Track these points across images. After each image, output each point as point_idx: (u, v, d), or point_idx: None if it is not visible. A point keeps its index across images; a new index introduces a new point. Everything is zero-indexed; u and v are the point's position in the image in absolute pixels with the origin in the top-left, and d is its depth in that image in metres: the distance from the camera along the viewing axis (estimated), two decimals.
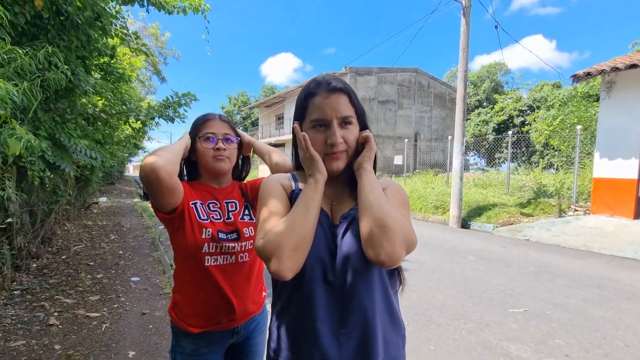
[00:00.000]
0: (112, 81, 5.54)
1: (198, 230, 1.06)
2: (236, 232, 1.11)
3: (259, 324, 1.24)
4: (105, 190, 14.11)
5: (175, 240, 1.11)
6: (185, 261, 1.09)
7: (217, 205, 1.15)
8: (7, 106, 2.16)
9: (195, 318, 1.09)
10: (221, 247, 1.08)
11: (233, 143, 1.17)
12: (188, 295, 1.10)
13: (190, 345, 1.10)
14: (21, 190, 4.09)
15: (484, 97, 26.37)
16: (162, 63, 20.62)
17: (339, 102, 0.80)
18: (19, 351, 2.26)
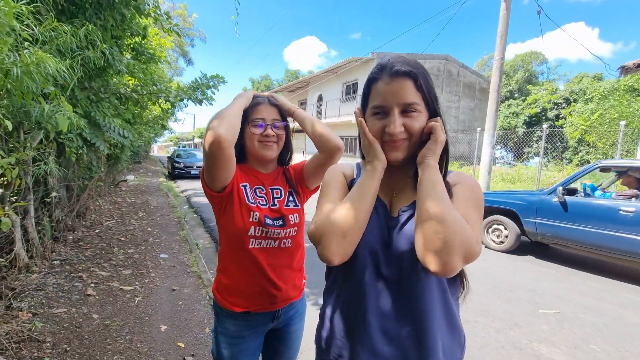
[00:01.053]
0: (143, 61, 5.62)
1: (246, 212, 1.06)
2: (282, 218, 1.11)
3: (298, 311, 1.24)
4: (133, 168, 14.61)
5: (222, 220, 1.11)
6: (231, 242, 1.10)
7: (263, 191, 1.14)
8: (50, 83, 2.21)
9: (238, 298, 1.10)
10: (267, 232, 1.08)
11: (282, 129, 1.14)
12: (232, 275, 1.11)
13: (232, 327, 1.12)
14: (60, 166, 4.27)
15: (516, 87, 25.17)
16: (189, 44, 20.79)
17: (402, 87, 0.74)
18: (61, 318, 2.39)
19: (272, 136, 1.11)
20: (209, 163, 0.99)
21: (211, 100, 5.46)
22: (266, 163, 1.17)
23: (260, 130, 1.10)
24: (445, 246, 0.61)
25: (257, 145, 1.10)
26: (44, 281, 2.85)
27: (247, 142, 1.12)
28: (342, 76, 17.55)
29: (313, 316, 1.16)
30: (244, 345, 1.13)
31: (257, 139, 1.10)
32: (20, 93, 1.54)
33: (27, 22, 1.71)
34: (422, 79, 0.76)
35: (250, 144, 1.11)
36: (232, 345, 1.12)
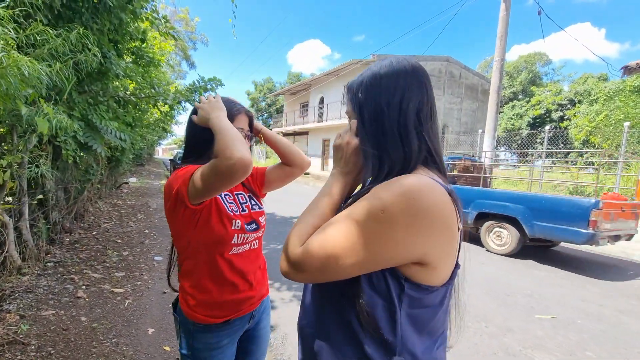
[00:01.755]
0: (142, 65, 5.65)
1: (228, 222, 1.03)
2: (254, 222, 1.13)
3: (267, 307, 1.27)
4: (135, 171, 14.72)
5: (195, 233, 1.02)
6: (208, 253, 1.04)
7: (231, 197, 1.12)
8: (42, 86, 2.22)
9: (219, 309, 1.06)
10: (246, 237, 1.09)
11: (250, 139, 1.18)
12: (209, 288, 1.06)
13: (212, 339, 1.07)
14: (57, 168, 4.30)
15: (519, 89, 24.98)
16: (191, 48, 20.96)
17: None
18: (48, 320, 2.39)
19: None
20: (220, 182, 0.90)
21: None
22: None
23: None
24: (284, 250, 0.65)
25: None
26: (35, 283, 2.86)
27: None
28: (343, 78, 17.56)
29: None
30: (223, 354, 1.09)
31: None
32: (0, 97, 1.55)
33: (10, 26, 1.72)
34: (357, 89, 0.71)
35: None
36: (212, 357, 1.08)
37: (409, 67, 0.66)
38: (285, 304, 3.04)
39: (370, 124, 0.67)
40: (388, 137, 0.65)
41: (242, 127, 1.10)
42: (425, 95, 0.66)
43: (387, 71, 0.67)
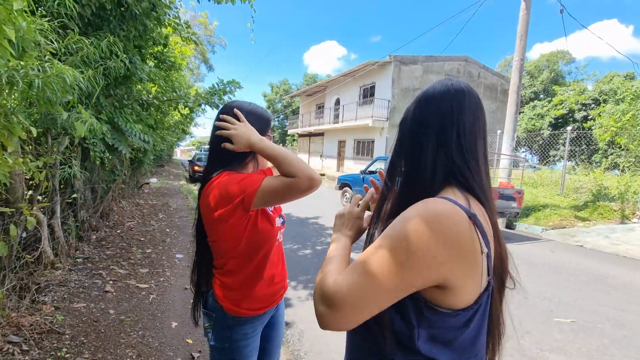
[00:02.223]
0: (164, 69, 5.86)
1: (273, 220, 1.15)
2: (281, 216, 1.23)
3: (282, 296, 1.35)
4: (156, 171, 15.16)
5: (246, 234, 1.08)
6: (257, 252, 1.12)
7: None
8: (75, 92, 2.38)
9: (260, 302, 1.15)
10: (282, 232, 1.23)
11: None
12: (255, 283, 1.13)
13: (250, 330, 1.16)
14: (85, 169, 4.53)
15: (541, 88, 24.29)
16: (210, 51, 21.44)
17: None
18: (80, 312, 2.54)
19: None
20: (292, 197, 1.04)
21: None
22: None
23: None
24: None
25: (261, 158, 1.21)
26: (67, 277, 3.03)
27: (258, 157, 1.18)
28: (359, 79, 17.55)
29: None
30: (255, 342, 1.19)
31: None
32: (43, 102, 1.68)
33: (51, 37, 1.86)
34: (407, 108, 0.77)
35: (261, 157, 1.19)
36: (248, 346, 1.16)
37: (451, 89, 0.68)
38: (301, 302, 3.11)
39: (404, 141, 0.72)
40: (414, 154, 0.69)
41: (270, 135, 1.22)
42: (462, 115, 0.67)
43: (430, 92, 0.70)
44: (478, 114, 0.69)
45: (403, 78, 15.49)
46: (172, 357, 2.13)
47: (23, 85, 1.55)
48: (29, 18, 1.46)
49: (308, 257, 4.43)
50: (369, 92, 17.16)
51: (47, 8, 2.63)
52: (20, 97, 1.80)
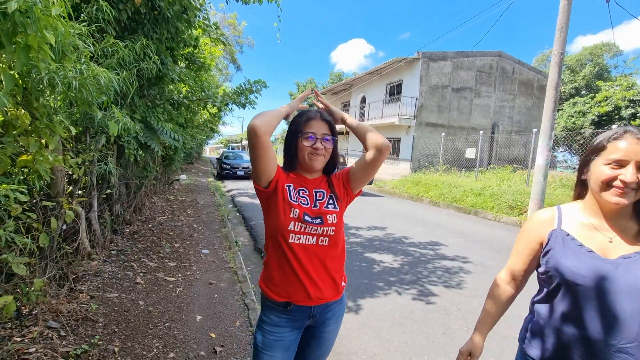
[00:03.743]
0: (194, 70, 6.05)
1: (288, 209, 1.18)
2: (320, 217, 1.21)
3: (335, 314, 1.30)
4: (186, 169, 15.74)
5: (268, 217, 1.24)
6: (274, 236, 1.21)
7: (307, 193, 1.25)
8: (111, 92, 2.50)
9: (280, 288, 1.21)
10: (305, 227, 1.19)
11: (329, 142, 1.26)
12: (273, 267, 1.23)
13: (275, 317, 1.23)
14: (120, 166, 4.77)
15: (582, 84, 22.76)
16: (238, 52, 21.93)
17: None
18: (113, 302, 2.67)
19: (321, 149, 1.23)
20: (250, 152, 1.15)
21: (254, 104, 5.73)
22: (313, 172, 1.29)
23: (310, 142, 1.22)
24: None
25: (307, 157, 1.23)
26: (101, 268, 3.21)
27: (298, 152, 1.24)
28: (385, 77, 17.26)
29: (344, 318, 1.22)
30: (281, 335, 1.23)
31: (308, 151, 1.22)
32: (80, 103, 1.78)
33: (88, 41, 1.96)
34: None
35: (301, 154, 1.24)
36: (271, 333, 1.22)
37: None
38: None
39: None
40: None
41: (314, 131, 1.22)
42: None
43: None
44: None
45: (431, 75, 15.04)
46: (195, 350, 2.19)
47: (62, 87, 1.64)
48: (68, 23, 1.55)
49: None
50: (396, 90, 16.83)
51: (87, 13, 2.79)
52: (60, 98, 1.92)
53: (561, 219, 1.01)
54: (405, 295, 3.35)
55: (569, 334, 0.93)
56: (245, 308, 2.81)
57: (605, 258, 0.90)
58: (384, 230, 6.12)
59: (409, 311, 3.00)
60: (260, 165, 1.15)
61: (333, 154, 1.30)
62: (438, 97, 15.33)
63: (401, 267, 4.16)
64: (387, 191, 12.71)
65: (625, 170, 0.86)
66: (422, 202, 10.40)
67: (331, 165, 1.33)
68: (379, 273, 3.92)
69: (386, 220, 7.09)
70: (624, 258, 0.88)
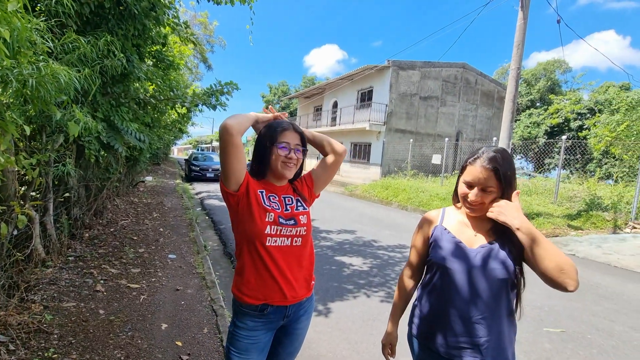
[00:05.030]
0: (162, 68, 5.84)
1: (263, 213, 1.21)
2: (293, 219, 1.27)
3: (307, 311, 1.37)
4: (152, 170, 15.09)
5: (239, 222, 1.24)
6: (250, 241, 1.22)
7: (276, 199, 1.29)
8: (70, 91, 2.37)
9: (257, 292, 1.23)
10: (281, 230, 1.23)
11: (300, 152, 1.32)
12: (250, 272, 1.23)
13: (250, 322, 1.24)
14: (79, 167, 4.50)
15: (537, 97, 24.50)
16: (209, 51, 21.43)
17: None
18: (69, 311, 2.52)
19: (294, 159, 1.28)
20: (221, 153, 1.16)
21: (225, 106, 5.63)
22: (283, 180, 1.34)
23: (285, 152, 1.26)
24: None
25: (280, 165, 1.26)
26: (57, 276, 3.01)
27: (272, 161, 1.27)
28: (357, 83, 17.61)
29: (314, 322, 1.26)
30: (257, 338, 1.25)
31: (281, 160, 1.26)
32: (37, 102, 1.67)
33: (47, 37, 1.86)
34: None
35: (274, 163, 1.27)
36: (247, 338, 1.24)
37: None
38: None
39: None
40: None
41: (288, 141, 1.26)
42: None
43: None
44: None
45: (401, 83, 15.56)
46: (160, 359, 2.12)
47: (17, 85, 1.54)
48: (25, 17, 1.46)
49: None
50: (367, 96, 17.21)
51: (46, 6, 2.63)
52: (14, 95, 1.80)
53: (444, 217, 1.22)
54: (374, 297, 3.43)
55: (440, 310, 1.12)
56: (214, 314, 2.75)
57: (470, 248, 1.11)
58: (354, 233, 6.23)
59: (377, 313, 3.08)
60: (231, 166, 1.16)
61: (301, 164, 1.36)
62: (407, 105, 15.87)
63: (370, 269, 4.25)
64: (358, 195, 12.92)
65: (472, 192, 1.08)
66: (391, 206, 10.68)
67: (297, 174, 1.39)
68: (348, 276, 3.98)
69: (356, 223, 7.21)
70: (482, 247, 1.09)
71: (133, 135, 4.37)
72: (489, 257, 1.07)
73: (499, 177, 1.04)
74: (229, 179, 1.19)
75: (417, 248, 1.26)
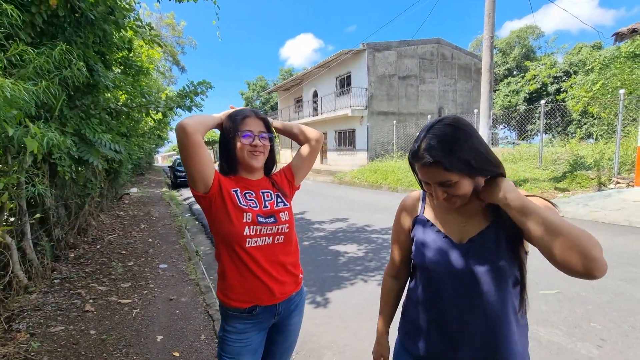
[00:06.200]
0: (131, 74, 5.63)
1: (240, 214, 1.14)
2: (273, 216, 1.20)
3: (298, 305, 1.33)
4: (136, 181, 14.76)
5: (216, 224, 1.17)
6: (228, 243, 1.16)
7: (253, 195, 1.23)
8: (29, 106, 2.23)
9: (243, 295, 1.18)
10: (260, 229, 1.17)
11: (266, 139, 1.23)
12: (233, 275, 1.17)
13: (240, 325, 1.20)
14: (55, 186, 4.32)
15: (513, 65, 24.74)
16: (180, 53, 20.86)
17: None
18: (58, 336, 2.42)
19: (260, 146, 1.20)
20: (181, 154, 1.08)
21: (200, 106, 5.47)
22: (254, 171, 1.26)
23: (248, 140, 1.18)
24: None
25: (247, 155, 1.19)
26: (42, 301, 2.90)
27: (237, 152, 1.20)
28: (335, 70, 17.44)
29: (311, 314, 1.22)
30: (249, 341, 1.20)
31: (247, 149, 1.19)
32: None
33: None
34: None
35: (240, 154, 1.19)
36: (238, 341, 1.19)
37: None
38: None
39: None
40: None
41: (250, 129, 1.18)
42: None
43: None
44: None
45: (378, 65, 15.47)
46: None
47: None
48: None
49: None
50: (346, 82, 17.09)
51: None
52: None
53: (425, 201, 1.02)
54: (371, 282, 3.42)
55: (426, 315, 0.96)
56: (210, 319, 2.69)
57: (458, 243, 0.91)
58: (346, 221, 6.21)
59: (375, 298, 3.07)
60: (195, 167, 1.09)
61: (271, 152, 1.29)
62: (386, 86, 15.81)
63: (365, 255, 4.25)
64: (347, 182, 12.92)
65: (433, 190, 0.87)
66: (381, 190, 10.71)
67: (270, 163, 1.33)
68: (344, 264, 3.97)
69: (348, 210, 7.20)
70: (471, 241, 0.89)
71: (107, 146, 4.21)
72: (483, 252, 0.87)
73: (448, 168, 0.81)
74: (195, 181, 1.11)
75: (399, 243, 1.07)
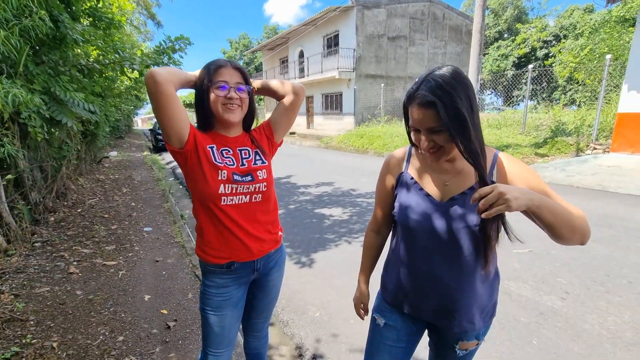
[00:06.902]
0: (102, 28, 5.21)
1: (215, 172, 1.11)
2: (250, 175, 1.17)
3: (278, 262, 1.34)
4: (115, 144, 14.27)
5: (191, 182, 1.14)
6: (203, 201, 1.14)
7: (230, 152, 1.18)
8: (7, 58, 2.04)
9: (221, 251, 1.17)
10: (236, 187, 1.14)
11: (244, 92, 1.15)
12: (210, 231, 1.16)
13: (219, 279, 1.21)
14: (27, 147, 4.12)
15: (505, 27, 24.19)
16: (155, 5, 19.30)
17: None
18: (44, 297, 2.43)
19: (236, 99, 1.12)
20: (153, 106, 1.02)
21: (179, 64, 5.18)
22: (230, 127, 1.19)
23: (223, 92, 1.10)
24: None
25: (221, 109, 1.12)
26: (24, 263, 2.87)
27: (212, 105, 1.12)
28: (322, 28, 16.64)
29: (297, 273, 1.28)
30: (229, 295, 1.22)
31: (221, 102, 1.11)
32: None
33: None
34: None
35: (214, 107, 1.12)
36: (218, 295, 1.21)
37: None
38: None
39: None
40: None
41: (225, 79, 1.10)
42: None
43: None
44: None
45: (367, 24, 14.82)
46: (147, 329, 2.12)
47: None
48: None
49: (281, 216, 4.44)
50: (333, 42, 16.40)
51: None
52: None
53: (409, 160, 1.02)
54: (355, 243, 3.53)
55: (405, 269, 1.00)
56: (197, 279, 2.75)
57: (439, 202, 0.92)
58: (332, 185, 6.26)
59: (359, 257, 3.18)
60: (167, 120, 1.03)
61: (250, 106, 1.21)
62: (375, 47, 15.30)
63: (350, 218, 4.33)
64: (333, 147, 12.87)
65: (421, 137, 0.86)
66: (368, 154, 10.74)
67: (249, 118, 1.25)
68: (329, 226, 4.05)
69: (334, 175, 7.24)
70: (452, 200, 0.91)
71: (81, 106, 3.99)
72: (462, 211, 0.89)
73: (440, 114, 0.79)
74: (169, 135, 1.06)
75: (381, 201, 1.09)
